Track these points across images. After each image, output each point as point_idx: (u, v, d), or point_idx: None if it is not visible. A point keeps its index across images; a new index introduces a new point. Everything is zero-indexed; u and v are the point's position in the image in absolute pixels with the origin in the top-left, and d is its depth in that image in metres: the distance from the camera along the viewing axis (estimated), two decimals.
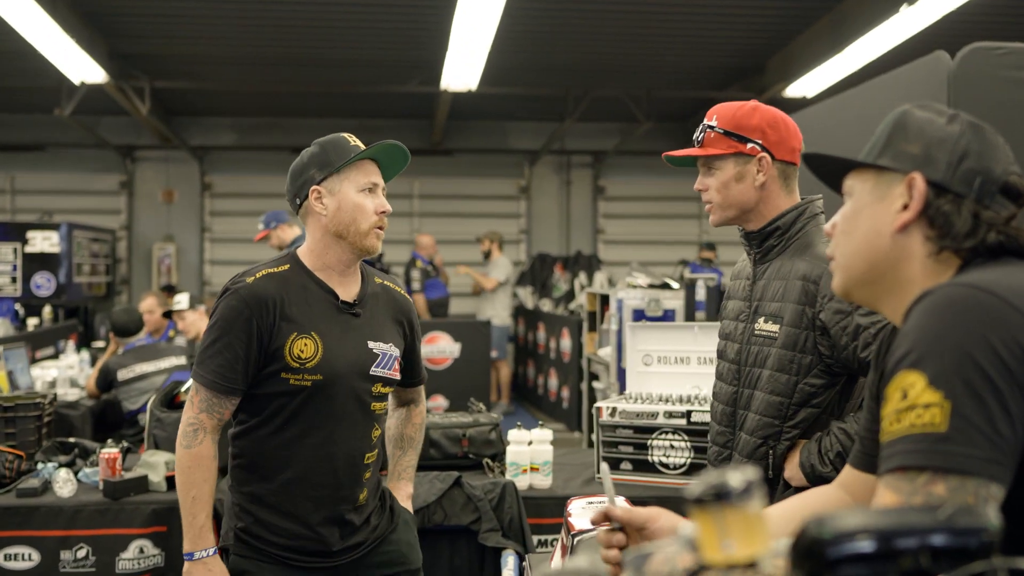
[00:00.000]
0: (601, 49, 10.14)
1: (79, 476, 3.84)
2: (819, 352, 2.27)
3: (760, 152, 2.35)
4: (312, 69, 10.94)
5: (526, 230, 13.97)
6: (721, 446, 2.48)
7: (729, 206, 2.40)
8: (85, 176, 13.30)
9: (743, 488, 0.86)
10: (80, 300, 11.31)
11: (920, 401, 1.20)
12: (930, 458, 1.18)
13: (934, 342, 1.23)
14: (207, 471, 2.45)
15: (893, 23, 7.86)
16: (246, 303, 2.42)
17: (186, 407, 2.48)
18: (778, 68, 10.26)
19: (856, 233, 1.47)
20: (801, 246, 2.36)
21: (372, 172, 2.54)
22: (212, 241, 13.61)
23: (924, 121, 1.45)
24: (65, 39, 8.20)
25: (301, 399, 2.45)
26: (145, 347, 6.26)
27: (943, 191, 1.40)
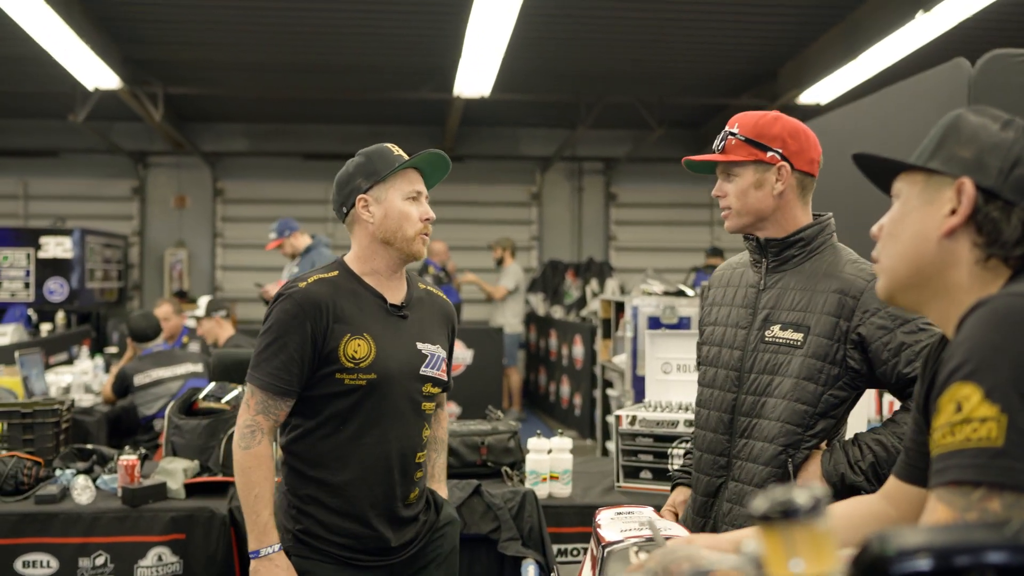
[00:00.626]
0: (613, 56, 10.14)
1: (97, 483, 3.83)
2: (847, 365, 2.29)
3: (780, 161, 2.37)
4: (324, 75, 10.96)
5: (538, 237, 13.96)
6: (717, 454, 2.46)
7: (746, 213, 2.42)
8: (98, 182, 13.33)
9: (812, 505, 0.84)
10: (92, 306, 11.33)
11: (976, 414, 1.18)
12: (986, 473, 1.15)
13: (990, 354, 1.20)
14: (267, 470, 2.50)
15: (908, 30, 7.84)
16: (300, 307, 2.49)
17: (241, 410, 2.53)
18: (791, 75, 10.23)
19: (903, 236, 1.46)
20: (824, 261, 2.39)
21: (416, 180, 2.63)
22: (224, 247, 13.63)
23: (978, 126, 1.43)
24: (79, 45, 8.22)
25: (356, 398, 2.53)
26: (162, 353, 6.27)
27: (993, 197, 1.38)
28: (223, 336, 6.75)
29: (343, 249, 10.23)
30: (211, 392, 4.18)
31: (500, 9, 7.03)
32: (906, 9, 7.73)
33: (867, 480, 2.24)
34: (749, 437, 2.39)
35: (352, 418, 2.53)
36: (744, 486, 2.37)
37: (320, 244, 7.62)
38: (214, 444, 3.94)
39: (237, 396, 4.13)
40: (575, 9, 8.64)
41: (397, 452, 2.59)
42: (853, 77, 9.26)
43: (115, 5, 8.55)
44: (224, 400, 4.12)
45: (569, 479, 3.85)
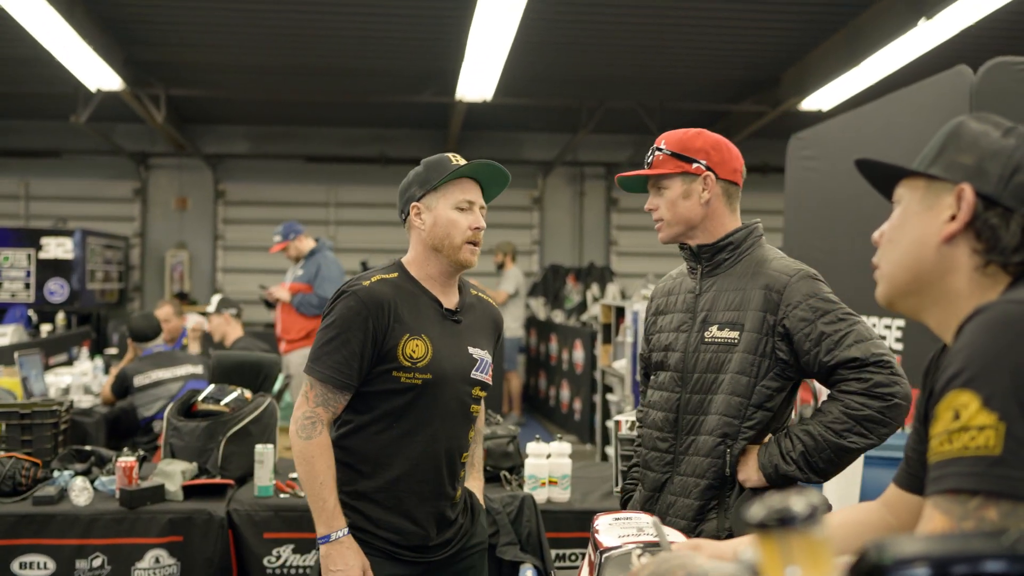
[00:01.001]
0: (615, 61, 10.14)
1: (95, 484, 3.83)
2: (777, 357, 2.43)
3: (704, 171, 2.53)
4: (327, 78, 10.96)
5: (539, 241, 13.96)
6: (663, 451, 2.58)
7: (677, 222, 2.57)
8: (99, 183, 13.34)
9: (808, 513, 0.83)
10: (93, 307, 11.33)
11: (974, 422, 1.17)
12: (983, 481, 1.15)
13: (989, 361, 1.20)
14: (329, 458, 2.57)
15: (911, 37, 7.84)
16: (364, 304, 2.56)
17: (299, 402, 2.60)
18: (793, 81, 10.23)
19: (902, 242, 1.45)
20: (752, 261, 2.53)
21: (469, 190, 2.69)
22: (225, 249, 13.63)
23: (979, 133, 1.43)
24: (82, 46, 8.23)
25: (411, 397, 2.60)
26: (162, 354, 6.25)
27: (993, 204, 1.37)
28: (231, 335, 6.74)
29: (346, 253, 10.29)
30: (210, 394, 4.17)
31: (503, 14, 7.04)
32: (908, 16, 7.73)
33: (799, 469, 2.37)
34: (695, 433, 2.51)
35: (405, 416, 2.61)
36: (688, 479, 2.51)
37: (324, 247, 7.63)
38: (213, 446, 3.94)
39: (236, 398, 4.13)
40: (577, 14, 8.64)
41: (445, 452, 2.67)
42: (855, 84, 9.26)
43: (118, 7, 8.56)
44: (223, 402, 4.11)
45: (568, 484, 3.85)
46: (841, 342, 2.35)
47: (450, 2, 8.05)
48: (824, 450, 2.35)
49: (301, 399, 2.60)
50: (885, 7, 8.16)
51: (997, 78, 4.24)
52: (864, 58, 8.54)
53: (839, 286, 2.68)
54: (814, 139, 6.06)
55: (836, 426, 2.34)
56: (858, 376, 2.33)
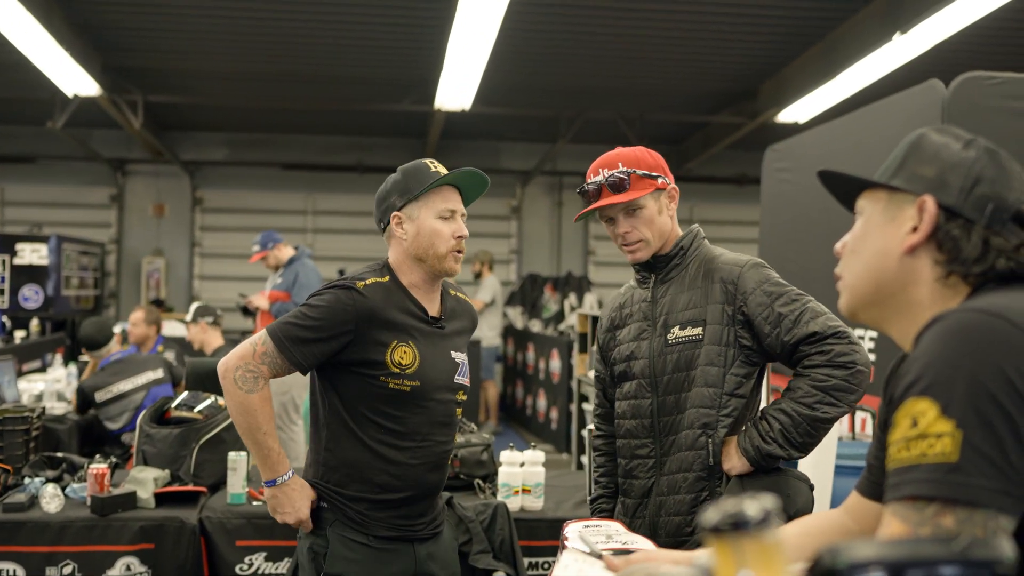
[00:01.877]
0: (595, 71, 10.18)
1: (66, 491, 3.80)
2: (740, 344, 2.52)
3: (669, 185, 2.63)
4: (306, 86, 10.95)
5: (517, 250, 13.98)
6: (645, 458, 2.62)
7: (658, 238, 2.62)
8: (76, 189, 13.26)
9: (761, 517, 0.84)
10: (68, 313, 11.25)
11: (932, 430, 1.19)
12: (940, 488, 1.16)
13: (946, 369, 1.21)
14: (270, 410, 2.60)
15: (886, 51, 7.91)
16: (357, 308, 2.56)
17: (244, 351, 2.58)
18: (771, 94, 10.31)
19: (865, 253, 1.47)
20: (700, 260, 2.63)
21: (451, 198, 2.69)
22: (202, 256, 13.57)
23: (940, 145, 1.45)
24: (60, 51, 8.19)
25: (399, 404, 2.61)
26: (119, 362, 6.08)
27: (954, 215, 1.39)
28: (210, 344, 6.65)
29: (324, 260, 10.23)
30: (184, 401, 4.16)
31: (482, 24, 7.06)
32: (884, 30, 7.80)
33: (779, 446, 2.44)
34: (675, 432, 2.56)
35: (396, 423, 2.62)
36: (675, 476, 2.55)
37: (303, 255, 7.61)
38: (185, 453, 3.92)
39: (209, 405, 4.12)
40: (556, 25, 8.68)
41: (435, 457, 2.70)
42: (831, 96, 9.33)
43: (96, 13, 8.52)
44: (197, 409, 4.10)
45: (541, 492, 3.86)
46: (798, 320, 2.46)
47: (430, 11, 8.06)
48: (800, 424, 2.43)
49: (248, 349, 2.58)
50: (861, 21, 8.24)
51: (969, 92, 4.29)
52: (840, 71, 8.61)
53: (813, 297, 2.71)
54: (789, 151, 6.10)
55: (807, 399, 2.43)
56: (819, 349, 2.44)
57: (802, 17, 8.45)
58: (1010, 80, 4.32)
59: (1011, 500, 1.16)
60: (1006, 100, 4.30)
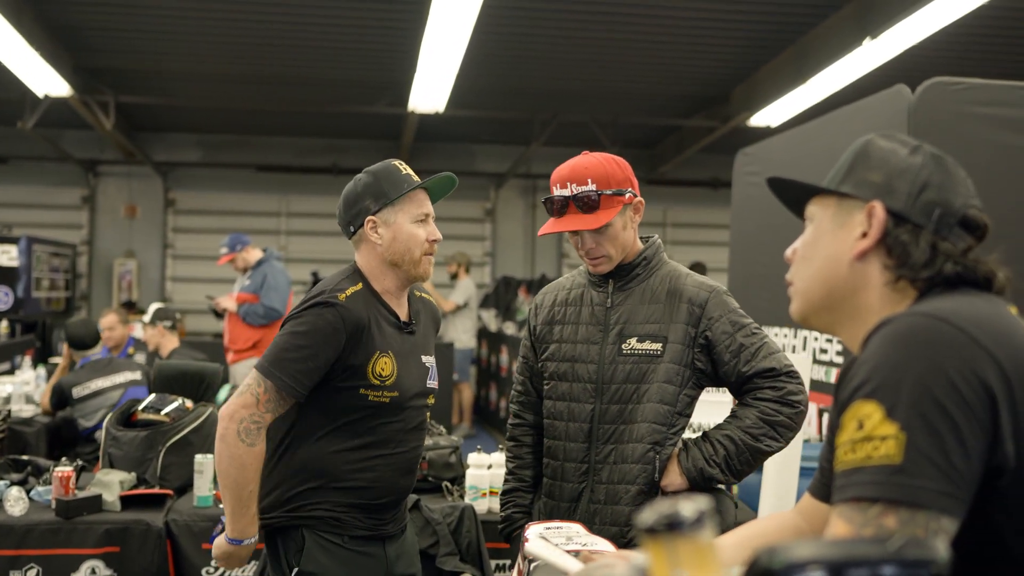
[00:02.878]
0: (568, 75, 10.20)
1: (31, 494, 3.77)
2: (696, 367, 2.57)
3: (635, 198, 2.61)
4: (280, 87, 10.91)
5: (491, 253, 13.98)
6: (578, 462, 2.62)
7: (621, 252, 2.61)
8: (47, 190, 13.15)
9: (695, 518, 0.86)
10: (39, 315, 11.16)
11: (877, 433, 1.21)
12: (883, 490, 1.18)
13: (892, 372, 1.23)
14: (260, 466, 2.53)
15: (856, 56, 7.98)
16: (343, 320, 2.51)
17: (247, 401, 2.48)
18: (743, 98, 10.37)
19: (815, 259, 1.49)
20: (665, 276, 2.63)
21: (424, 202, 2.66)
22: (174, 258, 13.50)
23: (887, 151, 1.47)
24: (29, 51, 8.12)
25: (377, 413, 2.58)
26: (99, 362, 6.13)
27: (902, 221, 1.41)
28: (166, 346, 6.66)
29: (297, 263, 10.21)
30: (151, 404, 4.14)
31: (454, 26, 7.06)
32: (854, 35, 7.86)
33: (722, 471, 2.52)
34: (616, 442, 2.57)
35: (367, 432, 2.59)
36: (616, 486, 2.56)
37: (271, 257, 7.60)
38: (152, 456, 3.91)
39: (177, 408, 4.10)
40: (529, 29, 8.70)
41: (406, 463, 2.68)
42: (803, 101, 9.40)
43: (67, 13, 8.46)
44: (164, 412, 4.08)
45: None
46: (757, 354, 2.53)
47: (402, 13, 8.06)
48: (743, 453, 2.51)
49: (250, 399, 2.48)
50: (831, 26, 8.30)
51: (934, 98, 4.33)
52: (811, 76, 8.68)
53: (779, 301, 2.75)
54: (758, 155, 6.14)
55: (754, 430, 2.51)
56: (773, 385, 2.51)
57: (773, 22, 8.51)
58: (976, 86, 4.37)
59: (953, 502, 1.19)
60: (972, 106, 4.34)
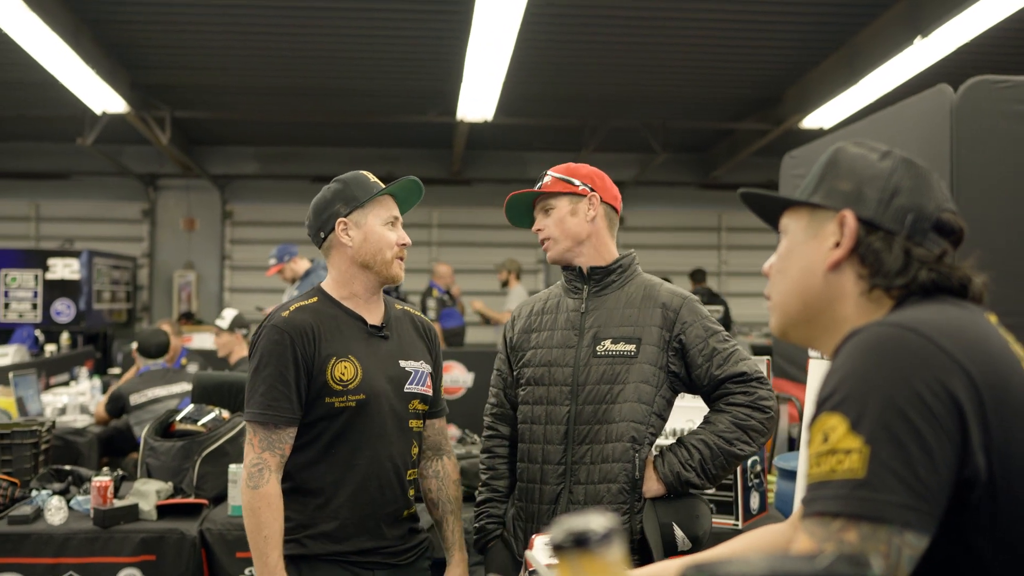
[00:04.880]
0: (616, 80, 10.17)
1: (71, 504, 3.86)
2: (670, 369, 2.64)
3: (590, 192, 2.73)
4: (332, 99, 11.05)
5: (544, 260, 13.95)
6: (555, 463, 2.66)
7: (565, 238, 2.72)
8: (108, 204, 13.46)
9: (602, 535, 0.85)
10: (101, 327, 11.41)
11: (841, 446, 1.18)
12: (846, 505, 1.16)
13: (857, 384, 1.21)
14: (276, 509, 2.51)
15: (907, 55, 7.84)
16: (285, 332, 2.55)
17: (246, 449, 2.56)
18: (795, 99, 10.24)
19: (791, 272, 1.46)
20: (640, 284, 2.73)
21: (393, 207, 2.72)
22: (232, 269, 13.71)
23: (856, 158, 1.44)
24: (87, 71, 8.33)
25: (345, 419, 2.58)
26: (156, 371, 6.27)
27: (874, 228, 1.38)
28: (239, 353, 6.78)
29: None
30: (188, 414, 4.20)
31: (497, 34, 7.08)
32: (904, 34, 7.73)
33: (697, 475, 2.58)
34: (592, 442, 2.62)
35: (342, 440, 2.58)
36: (596, 486, 2.61)
37: (319, 268, 7.67)
38: (188, 466, 3.96)
39: (214, 418, 4.16)
40: (573, 35, 8.69)
41: (391, 470, 2.65)
42: (855, 102, 9.25)
43: (123, 32, 8.66)
44: (201, 422, 4.14)
45: None
46: (729, 359, 2.61)
47: (447, 24, 8.11)
48: (718, 457, 2.58)
49: (247, 446, 2.55)
50: (882, 25, 8.17)
51: (977, 96, 4.23)
52: (862, 76, 8.55)
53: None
54: (805, 157, 6.06)
55: (727, 435, 2.57)
56: (744, 390, 2.58)
57: (825, 22, 8.40)
58: (1019, 84, 4.26)
59: (918, 516, 1.16)
60: (1015, 104, 4.23)
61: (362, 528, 2.61)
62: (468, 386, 9.55)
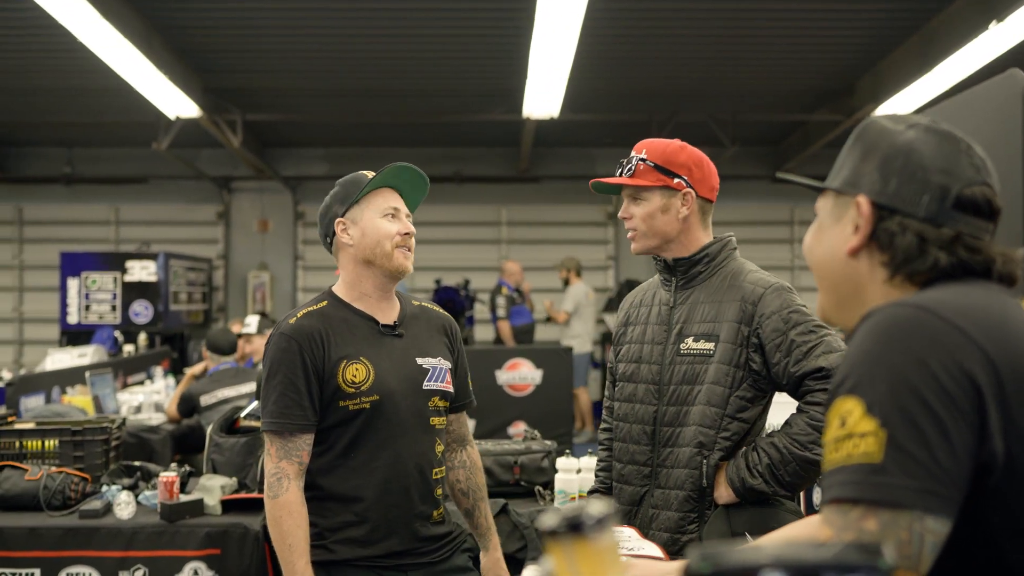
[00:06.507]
0: (682, 73, 10.07)
1: (139, 499, 3.96)
2: (750, 368, 2.44)
3: (686, 188, 2.53)
4: (398, 99, 11.14)
5: (614, 256, 13.89)
6: (641, 464, 2.57)
7: (652, 235, 2.57)
8: (185, 207, 13.73)
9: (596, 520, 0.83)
10: (178, 327, 11.66)
11: (857, 430, 1.15)
12: (863, 490, 1.13)
13: (872, 367, 1.17)
14: (299, 517, 2.50)
15: (982, 41, 7.63)
16: (293, 339, 2.54)
17: (264, 459, 2.56)
18: (868, 89, 10.03)
19: (816, 256, 1.44)
20: (728, 274, 2.55)
21: (391, 198, 2.68)
22: (305, 269, 13.90)
23: (880, 134, 1.39)
24: (159, 77, 8.52)
25: (362, 422, 2.55)
26: (227, 371, 6.40)
27: (892, 212, 1.33)
28: None
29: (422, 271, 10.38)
30: (252, 411, 4.27)
31: (561, 30, 7.06)
32: (979, 19, 7.53)
33: (764, 482, 2.38)
34: (673, 445, 2.51)
35: (362, 443, 2.55)
36: (669, 491, 2.49)
37: None
38: (252, 462, 4.03)
39: None
40: (637, 28, 8.62)
41: (414, 470, 2.61)
42: (928, 90, 9.03)
43: (193, 37, 8.84)
44: None
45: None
46: (810, 352, 2.37)
47: (511, 20, 8.11)
48: (789, 463, 2.35)
49: (265, 457, 2.55)
50: (956, 10, 7.97)
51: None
52: (937, 63, 8.33)
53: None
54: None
55: (801, 438, 2.35)
56: (824, 387, 2.33)
57: (897, 9, 8.22)
58: None
59: (938, 500, 1.12)
60: None
61: (391, 531, 2.58)
62: (536, 383, 9.54)
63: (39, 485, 3.90)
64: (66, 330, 10.93)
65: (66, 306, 11.03)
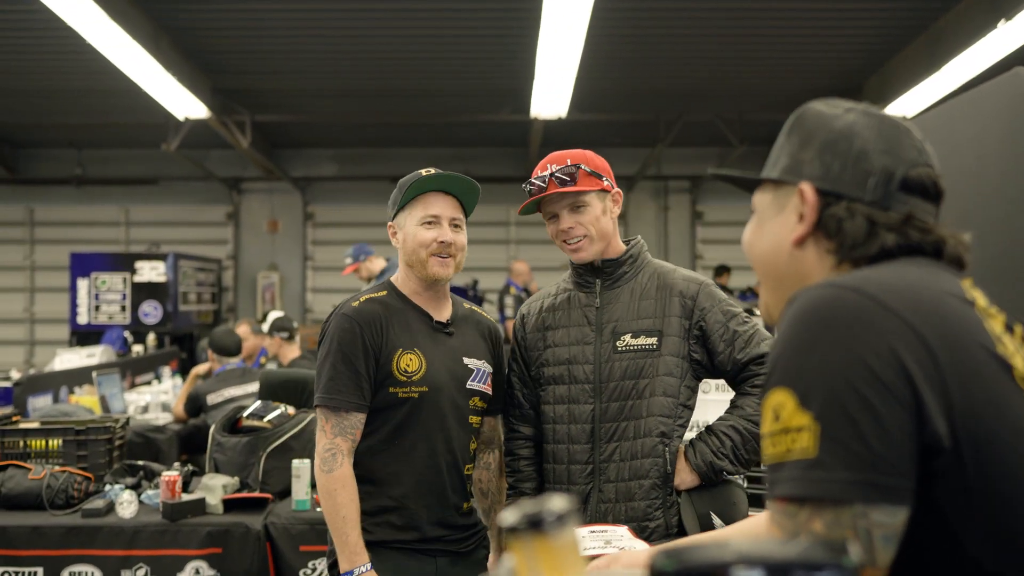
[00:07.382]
0: (690, 73, 10.07)
1: (142, 498, 3.97)
2: (692, 358, 2.59)
3: (613, 188, 2.67)
4: (407, 100, 11.15)
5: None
6: (583, 463, 2.61)
7: (601, 239, 2.63)
8: (194, 208, 13.78)
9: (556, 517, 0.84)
10: (188, 327, 11.70)
11: (792, 424, 1.12)
12: (804, 487, 1.10)
13: (799, 356, 1.13)
14: (351, 491, 2.57)
15: (991, 39, 7.59)
16: (356, 322, 2.61)
17: (318, 435, 2.61)
18: (876, 89, 10.00)
19: (759, 249, 1.39)
20: (653, 272, 2.66)
21: (432, 205, 2.69)
22: (314, 269, 13.93)
23: (817, 120, 1.35)
24: (168, 78, 8.54)
25: (408, 410, 2.62)
26: (233, 371, 6.40)
27: (837, 197, 1.29)
28: (286, 356, 6.86)
29: None
30: (255, 411, 4.28)
31: (567, 31, 7.06)
32: (987, 18, 7.50)
33: (731, 462, 2.54)
34: (620, 439, 2.58)
35: (405, 430, 2.62)
36: (628, 483, 2.56)
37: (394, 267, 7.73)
38: (254, 461, 4.04)
39: (279, 414, 4.23)
40: (643, 29, 8.62)
41: (449, 463, 2.68)
42: (936, 90, 8.99)
43: (202, 38, 8.87)
44: (267, 419, 4.22)
45: None
46: (750, 340, 2.55)
47: (518, 21, 8.12)
48: (749, 442, 2.54)
49: (319, 433, 2.61)
50: (964, 10, 7.94)
51: None
52: (945, 63, 8.30)
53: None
54: None
55: (756, 418, 2.51)
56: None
57: (904, 8, 8.20)
58: None
59: (880, 490, 1.09)
60: None
61: (425, 517, 2.64)
62: None
63: (42, 484, 3.92)
64: (76, 330, 10.98)
65: (76, 307, 11.08)
